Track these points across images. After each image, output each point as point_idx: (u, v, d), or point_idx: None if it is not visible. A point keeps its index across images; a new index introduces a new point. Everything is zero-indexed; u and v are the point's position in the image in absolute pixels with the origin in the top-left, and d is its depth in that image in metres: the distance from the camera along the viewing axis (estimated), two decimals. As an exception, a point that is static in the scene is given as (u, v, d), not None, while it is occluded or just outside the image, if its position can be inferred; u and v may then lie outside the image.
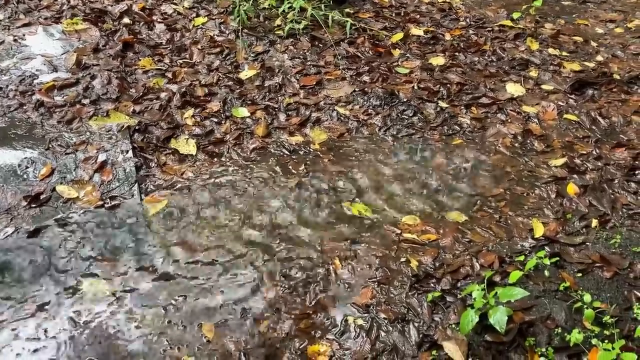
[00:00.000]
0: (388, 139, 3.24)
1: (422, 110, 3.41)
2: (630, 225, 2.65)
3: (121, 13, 4.01)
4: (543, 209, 2.78)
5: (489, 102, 3.48)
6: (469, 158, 3.11)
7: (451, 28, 4.26)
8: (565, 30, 4.31)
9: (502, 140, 3.22)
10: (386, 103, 3.45)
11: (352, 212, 2.76)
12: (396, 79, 3.67)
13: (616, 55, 4.00)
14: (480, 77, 3.72)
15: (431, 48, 4.01)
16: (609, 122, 3.34)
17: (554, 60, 3.90)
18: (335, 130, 3.28)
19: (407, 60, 3.86)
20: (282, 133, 3.25)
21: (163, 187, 2.87)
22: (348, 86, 3.58)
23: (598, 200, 2.80)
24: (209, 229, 2.65)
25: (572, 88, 3.61)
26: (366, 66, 3.76)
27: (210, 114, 3.32)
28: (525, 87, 3.62)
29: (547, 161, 3.07)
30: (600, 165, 3.02)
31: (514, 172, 3.01)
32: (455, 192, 2.90)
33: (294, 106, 3.43)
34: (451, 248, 2.57)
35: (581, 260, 2.46)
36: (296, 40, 3.95)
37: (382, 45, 3.99)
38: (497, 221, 2.71)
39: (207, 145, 3.13)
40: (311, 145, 3.18)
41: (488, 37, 4.14)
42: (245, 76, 3.63)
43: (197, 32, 3.95)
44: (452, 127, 3.31)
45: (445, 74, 3.72)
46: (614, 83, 3.64)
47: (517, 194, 2.87)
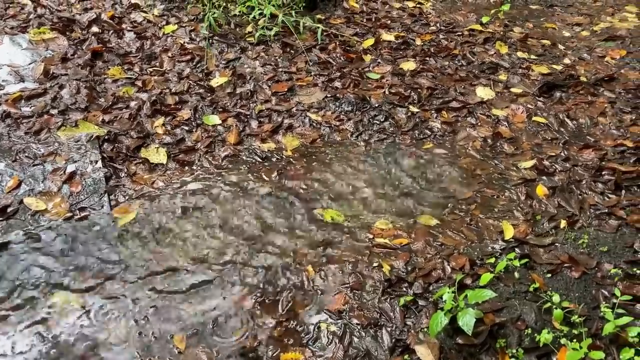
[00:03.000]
0: (360, 144, 3.25)
1: (393, 115, 3.43)
2: (598, 225, 2.69)
3: (90, 22, 3.96)
4: (513, 210, 2.81)
5: (459, 106, 3.52)
6: (440, 162, 3.13)
7: (422, 33, 4.30)
8: (534, 33, 4.38)
9: (473, 144, 3.25)
10: (358, 108, 3.47)
11: (324, 218, 2.76)
12: (367, 85, 3.68)
13: (583, 58, 4.07)
14: (450, 81, 3.75)
15: (402, 53, 4.04)
16: (577, 123, 3.40)
17: (522, 64, 3.96)
18: (307, 137, 3.28)
19: (378, 66, 3.88)
20: (254, 140, 3.24)
21: (133, 197, 2.84)
22: (320, 92, 3.59)
23: (566, 201, 2.84)
24: (180, 238, 2.63)
25: (541, 91, 3.66)
26: (338, 72, 3.77)
27: (181, 122, 3.30)
28: (494, 91, 3.67)
29: (516, 163, 3.11)
30: (568, 166, 3.07)
31: (484, 175, 3.04)
32: (426, 196, 2.92)
33: (265, 113, 3.43)
34: (423, 252, 2.58)
35: (550, 261, 2.49)
36: (267, 46, 3.95)
37: (354, 51, 4.01)
38: (468, 224, 2.74)
39: (178, 153, 3.11)
40: (283, 151, 3.18)
41: (458, 42, 4.19)
42: (217, 83, 3.61)
43: (167, 40, 3.93)
44: (423, 132, 3.34)
45: (416, 79, 3.75)
46: (581, 85, 3.70)
47: (487, 196, 2.90)
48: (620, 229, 2.67)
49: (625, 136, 3.28)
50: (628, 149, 3.16)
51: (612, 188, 2.90)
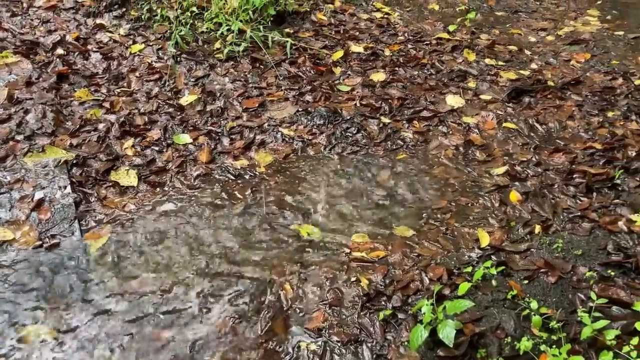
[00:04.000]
0: (333, 157, 3.24)
1: (365, 127, 3.43)
2: (571, 229, 2.72)
3: (54, 44, 3.89)
4: (488, 218, 2.82)
5: (430, 115, 3.53)
6: (413, 172, 3.13)
7: (390, 43, 4.32)
8: (500, 40, 4.44)
9: (445, 152, 3.27)
10: (330, 122, 3.46)
11: (301, 234, 2.74)
12: (338, 97, 3.68)
13: (549, 63, 4.14)
14: (420, 90, 3.77)
15: (371, 64, 4.05)
16: (546, 128, 3.44)
17: (490, 70, 4.00)
18: (280, 152, 3.26)
19: (349, 78, 3.88)
20: (227, 158, 3.21)
21: (104, 222, 2.78)
22: (291, 106, 3.57)
23: (540, 205, 2.86)
24: (153, 262, 2.58)
25: (510, 97, 3.70)
26: (308, 85, 3.76)
27: (151, 143, 3.25)
28: (464, 98, 3.70)
29: (489, 170, 3.13)
30: (540, 171, 3.10)
31: (458, 183, 3.05)
32: (401, 207, 2.91)
33: (237, 129, 3.40)
34: (400, 264, 2.57)
35: (527, 267, 2.50)
36: (236, 62, 3.92)
37: (323, 64, 4.01)
38: (444, 233, 2.74)
39: (148, 175, 3.06)
40: (257, 168, 3.15)
41: (426, 51, 4.22)
42: (186, 102, 3.57)
43: (134, 60, 3.88)
44: (395, 142, 3.34)
45: (387, 90, 3.76)
46: (549, 90, 3.75)
47: (462, 204, 2.91)
48: (593, 231, 2.70)
49: (594, 138, 3.32)
50: (597, 151, 3.21)
51: (584, 191, 2.94)
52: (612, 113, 3.53)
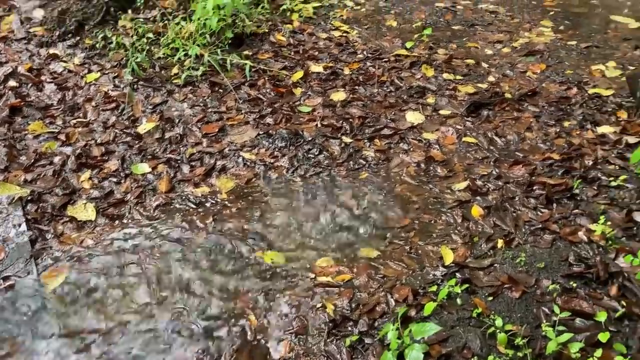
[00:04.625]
0: (296, 180, 3.22)
1: (327, 147, 3.42)
2: (533, 242, 2.74)
3: (6, 76, 3.81)
4: (451, 234, 2.83)
5: (391, 133, 3.54)
6: (376, 191, 3.13)
7: (349, 62, 4.33)
8: (458, 54, 4.49)
9: (407, 170, 3.27)
10: (292, 144, 3.44)
11: (265, 261, 2.70)
12: (299, 118, 3.67)
13: (506, 75, 4.20)
14: (380, 108, 3.79)
15: (331, 84, 4.05)
16: (505, 140, 3.48)
17: (449, 85, 4.04)
18: (242, 177, 3.22)
19: (309, 98, 3.88)
20: (187, 185, 3.16)
21: (62, 260, 2.70)
22: (252, 130, 3.54)
23: (502, 219, 2.88)
24: (114, 298, 2.51)
25: (468, 111, 3.74)
26: (269, 108, 3.75)
27: (109, 174, 3.18)
28: (424, 114, 3.72)
29: (450, 186, 3.14)
30: (500, 184, 3.12)
31: (420, 201, 3.05)
32: (366, 227, 2.90)
33: (197, 156, 3.35)
34: (366, 286, 2.55)
35: (491, 283, 2.51)
36: (195, 87, 3.89)
37: (283, 85, 4.00)
38: (408, 252, 2.73)
39: (106, 207, 2.99)
40: (218, 195, 3.10)
41: (385, 68, 4.24)
42: (144, 130, 3.52)
43: (90, 89, 3.81)
44: (357, 162, 3.34)
45: (347, 109, 3.77)
46: (506, 102, 3.80)
47: (425, 222, 2.91)
48: (554, 243, 2.72)
49: (552, 149, 3.37)
50: (555, 161, 3.25)
51: (544, 202, 2.96)
52: (568, 123, 3.59)
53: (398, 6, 5.33)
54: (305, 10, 5.04)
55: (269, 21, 4.77)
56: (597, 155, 3.28)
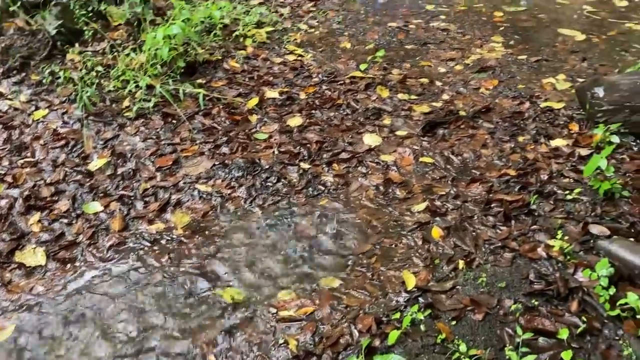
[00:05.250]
0: (255, 210, 3.16)
1: (285, 175, 3.38)
2: (494, 261, 2.74)
3: (-53, 117, 3.66)
4: (412, 258, 2.80)
5: (349, 157, 3.52)
6: (336, 217, 3.09)
7: (305, 86, 4.32)
8: (411, 73, 4.52)
9: (366, 193, 3.25)
10: (249, 173, 3.39)
11: (224, 298, 2.62)
12: (256, 146, 3.62)
13: (460, 92, 4.23)
14: (337, 132, 3.77)
15: (287, 109, 4.02)
16: (462, 158, 3.49)
17: (404, 105, 4.05)
18: (198, 211, 3.15)
19: (265, 125, 3.83)
20: (141, 223, 3.06)
21: (10, 310, 2.58)
22: (207, 161, 3.48)
23: (461, 239, 2.88)
24: (66, 348, 2.39)
25: (424, 130, 3.75)
26: (224, 137, 3.69)
27: (59, 215, 3.07)
28: (381, 136, 3.72)
29: (410, 208, 3.13)
30: (459, 203, 3.12)
31: (381, 225, 3.03)
32: (327, 256, 2.86)
33: (151, 191, 3.27)
34: (329, 318, 2.50)
35: (453, 307, 2.49)
36: (147, 119, 3.80)
37: (239, 113, 3.95)
38: (370, 279, 2.70)
39: (57, 251, 2.88)
40: (174, 231, 3.02)
41: (341, 91, 4.23)
42: (95, 167, 3.42)
43: (37, 127, 3.70)
44: (316, 188, 3.30)
45: (304, 134, 3.74)
46: (461, 120, 3.83)
47: (386, 246, 2.89)
48: (514, 261, 2.73)
49: (508, 165, 3.40)
50: (512, 177, 3.27)
51: (502, 220, 2.97)
52: (522, 138, 3.64)
53: (351, 28, 5.36)
54: (259, 35, 5.02)
55: (222, 48, 4.73)
56: (552, 169, 3.32)
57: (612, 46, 4.91)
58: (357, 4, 5.88)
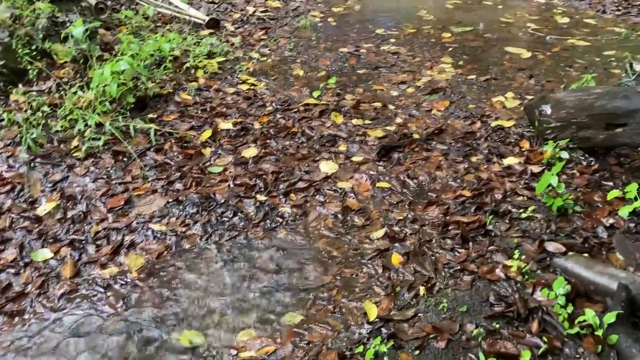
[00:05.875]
0: (211, 247, 3.09)
1: (241, 208, 3.32)
2: (454, 285, 2.73)
3: None
4: (373, 287, 2.78)
5: (306, 186, 3.49)
6: (295, 249, 3.05)
7: (259, 115, 4.29)
8: (365, 98, 4.55)
9: (324, 223, 3.22)
10: (204, 208, 3.32)
11: (182, 342, 2.54)
12: (211, 180, 3.56)
13: (412, 115, 4.28)
14: (293, 161, 3.74)
15: (242, 140, 3.98)
16: (418, 182, 3.51)
17: (359, 131, 4.06)
18: (152, 251, 3.06)
19: (220, 158, 3.78)
20: (94, 268, 2.96)
21: (-48, 372, 2.43)
22: (160, 198, 3.39)
23: (421, 264, 2.87)
24: (15, 410, 2.27)
25: (379, 155, 3.76)
26: (177, 172, 3.61)
27: (6, 265, 2.94)
28: (337, 163, 3.71)
29: (369, 235, 3.11)
30: (417, 228, 3.12)
31: (341, 254, 3.00)
32: (287, 291, 2.80)
33: (103, 234, 3.16)
34: (291, 356, 2.44)
35: (416, 335, 2.46)
36: (97, 159, 3.70)
37: (192, 146, 3.88)
38: (332, 312, 2.65)
39: (5, 304, 2.74)
40: (128, 274, 2.92)
41: (295, 119, 4.22)
42: (44, 211, 3.29)
43: (-20, 173, 3.55)
44: (274, 220, 3.25)
45: (260, 165, 3.70)
46: (415, 142, 3.86)
47: (346, 277, 2.85)
48: (474, 283, 2.73)
49: (463, 186, 3.43)
50: (467, 198, 3.30)
51: (460, 242, 2.99)
52: (475, 158, 3.68)
53: (303, 54, 5.38)
54: (210, 66, 4.99)
55: (172, 81, 4.67)
56: (506, 187, 3.37)
57: (557, 62, 5.07)
58: (308, 31, 5.92)
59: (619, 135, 3.27)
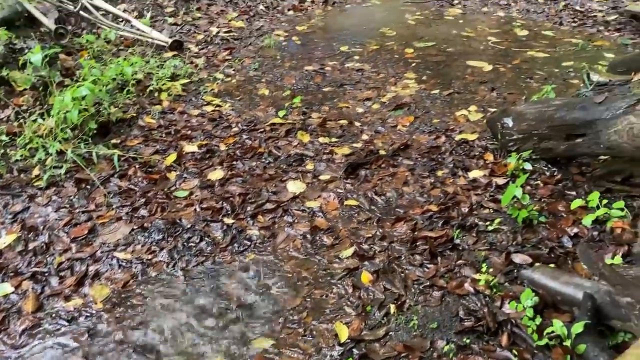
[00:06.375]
0: (178, 274, 3.03)
1: (208, 233, 3.28)
2: (424, 301, 2.73)
3: None
4: (344, 307, 2.76)
5: (274, 207, 3.47)
6: (264, 272, 3.02)
7: (224, 137, 4.26)
8: (331, 116, 4.56)
9: (293, 244, 3.20)
10: (170, 234, 3.27)
11: (150, 374, 2.48)
12: (176, 205, 3.51)
13: (378, 131, 4.30)
14: (260, 181, 3.72)
15: (208, 162, 3.94)
16: (385, 198, 3.52)
17: (325, 149, 4.06)
18: (118, 281, 2.98)
19: (185, 181, 3.73)
20: (57, 300, 2.87)
21: None
22: (125, 226, 3.33)
23: (391, 282, 2.86)
24: None
25: (347, 172, 3.76)
26: (142, 198, 3.55)
27: (-36, 303, 2.83)
28: (305, 182, 3.70)
29: (338, 254, 3.09)
30: (385, 245, 3.12)
31: (310, 275, 2.97)
32: (257, 315, 2.76)
33: (66, 264, 3.08)
34: (262, 382, 2.40)
35: (387, 355, 2.45)
36: (59, 187, 3.62)
37: (156, 171, 3.83)
38: (302, 335, 2.62)
39: (-38, 344, 2.64)
40: (93, 305, 2.84)
41: (262, 139, 4.20)
42: (4, 244, 3.19)
43: (-64, 206, 3.44)
44: (242, 243, 3.22)
45: (226, 187, 3.66)
46: (382, 159, 3.87)
47: (317, 298, 2.83)
48: (444, 299, 2.74)
49: (430, 201, 3.45)
50: (434, 213, 3.32)
51: (429, 257, 3.00)
52: (441, 172, 3.71)
53: (268, 74, 5.38)
54: (174, 88, 4.95)
55: (136, 104, 4.62)
56: (472, 201, 3.40)
57: (518, 74, 5.18)
58: (273, 50, 5.94)
59: (579, 145, 3.34)
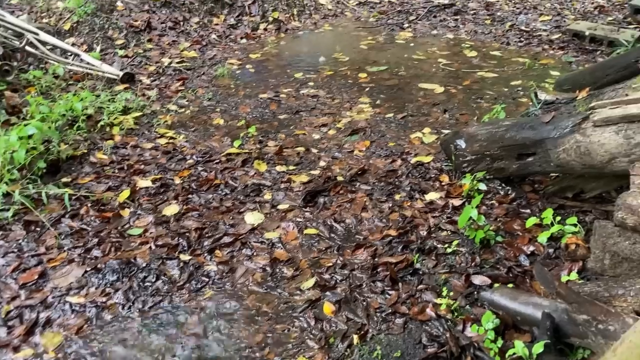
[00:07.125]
0: (134, 316, 2.93)
1: (164, 271, 3.19)
2: (387, 329, 2.71)
3: None
4: (306, 341, 2.71)
5: (232, 240, 3.41)
6: (223, 310, 2.94)
7: (179, 169, 4.18)
8: (287, 143, 4.54)
9: (253, 278, 3.14)
10: (124, 275, 3.16)
11: None
12: (130, 244, 3.41)
13: (335, 157, 4.30)
14: (217, 214, 3.66)
15: (162, 197, 3.86)
16: (345, 225, 3.50)
17: (283, 177, 4.04)
18: (71, 327, 2.86)
19: (139, 218, 3.64)
20: (5, 352, 2.72)
21: None
22: (77, 268, 3.21)
23: (353, 312, 2.83)
24: None
25: (305, 201, 3.74)
26: (95, 238, 3.44)
27: None
28: (263, 213, 3.65)
29: (299, 286, 3.05)
30: (347, 273, 3.10)
31: (271, 310, 2.92)
32: (217, 355, 2.68)
33: (15, 313, 2.93)
34: None
35: (352, 389, 2.41)
36: (6, 231, 3.47)
37: (110, 209, 3.72)
38: (265, 373, 2.56)
39: None
40: (44, 355, 2.71)
41: (218, 170, 4.15)
42: (-54, 295, 3.04)
43: None
44: (200, 280, 3.14)
45: (182, 222, 3.58)
46: (340, 185, 3.87)
47: (278, 333, 2.77)
48: (406, 326, 2.72)
49: (389, 225, 3.45)
50: (393, 238, 3.32)
51: (390, 284, 2.98)
52: (398, 196, 3.73)
53: (223, 103, 5.35)
54: (126, 122, 4.85)
55: (87, 140, 4.50)
56: (430, 223, 3.42)
57: (468, 95, 5.28)
58: (227, 79, 5.91)
59: (530, 164, 3.41)
